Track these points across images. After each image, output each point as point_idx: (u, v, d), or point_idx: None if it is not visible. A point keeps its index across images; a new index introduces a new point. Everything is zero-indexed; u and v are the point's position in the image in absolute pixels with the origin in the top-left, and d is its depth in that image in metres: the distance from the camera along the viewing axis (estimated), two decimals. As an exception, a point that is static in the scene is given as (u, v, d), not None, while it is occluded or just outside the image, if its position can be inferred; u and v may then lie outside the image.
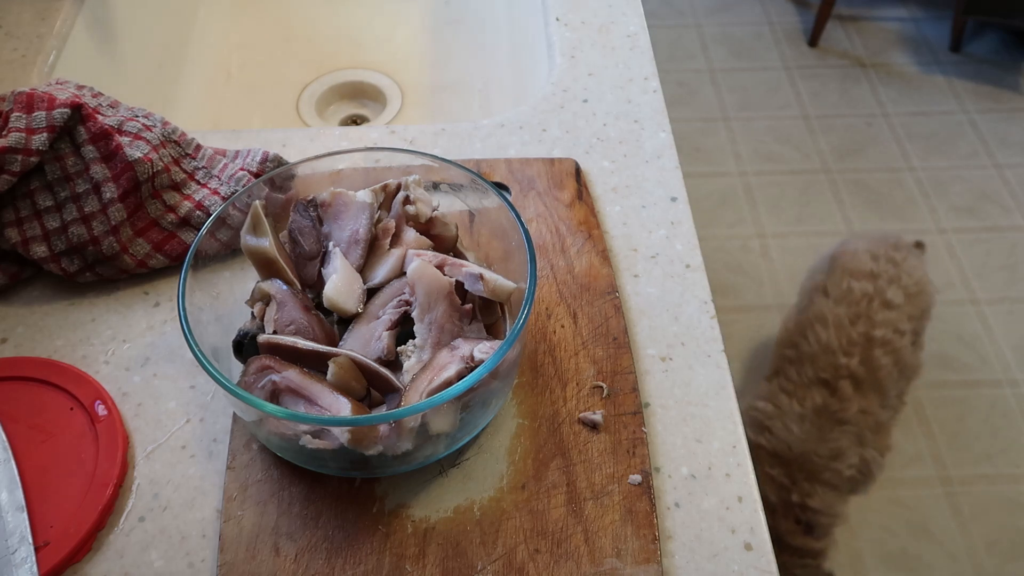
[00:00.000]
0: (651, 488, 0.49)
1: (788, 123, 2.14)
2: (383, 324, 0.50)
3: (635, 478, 0.49)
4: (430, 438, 0.46)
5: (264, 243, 0.51)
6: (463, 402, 0.45)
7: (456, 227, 0.55)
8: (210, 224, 0.51)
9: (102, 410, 0.52)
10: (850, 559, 1.44)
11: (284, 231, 0.54)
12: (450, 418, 0.46)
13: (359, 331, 0.50)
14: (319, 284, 0.52)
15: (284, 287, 0.51)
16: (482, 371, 0.43)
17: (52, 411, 0.52)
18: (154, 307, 0.58)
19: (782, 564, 1.23)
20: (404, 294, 0.50)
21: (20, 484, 0.48)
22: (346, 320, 0.51)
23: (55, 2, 0.79)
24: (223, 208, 0.52)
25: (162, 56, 0.91)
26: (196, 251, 0.49)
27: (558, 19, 0.80)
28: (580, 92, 0.73)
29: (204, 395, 0.54)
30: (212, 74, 0.97)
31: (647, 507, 0.48)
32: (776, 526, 1.24)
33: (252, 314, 0.51)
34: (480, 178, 0.53)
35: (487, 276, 0.49)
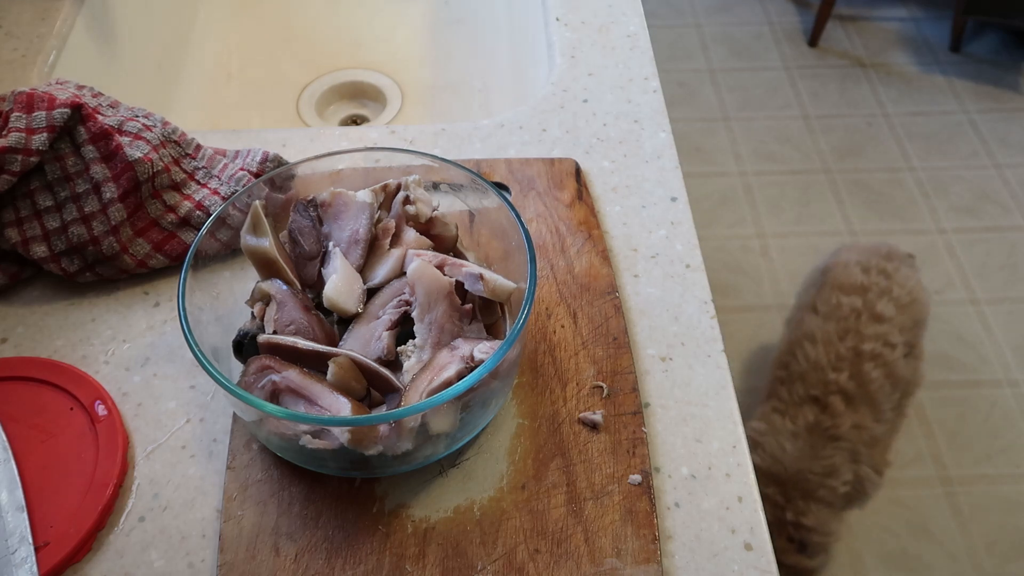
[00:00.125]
0: (651, 488, 0.49)
1: (788, 123, 2.14)
2: (383, 324, 0.50)
3: (635, 478, 0.49)
4: (430, 438, 0.46)
5: (264, 243, 0.51)
6: (463, 402, 0.45)
7: (456, 227, 0.55)
8: (210, 224, 0.51)
9: (102, 410, 0.52)
10: (850, 559, 1.44)
11: (284, 231, 0.54)
12: (450, 418, 0.46)
13: (359, 331, 0.50)
14: (319, 284, 0.52)
15: (284, 287, 0.51)
16: (482, 371, 0.43)
17: (52, 411, 0.52)
18: (154, 307, 0.59)
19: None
20: (404, 294, 0.50)
21: (20, 484, 0.48)
22: (346, 320, 0.51)
23: (55, 2, 0.79)
24: (223, 208, 0.52)
25: (162, 56, 0.91)
26: (196, 251, 0.49)
27: (558, 19, 0.80)
28: (580, 92, 0.73)
29: (204, 395, 0.54)
30: (212, 74, 0.97)
31: (647, 507, 0.48)
32: None
33: (252, 314, 0.51)
34: (480, 178, 0.53)
35: (487, 276, 0.49)
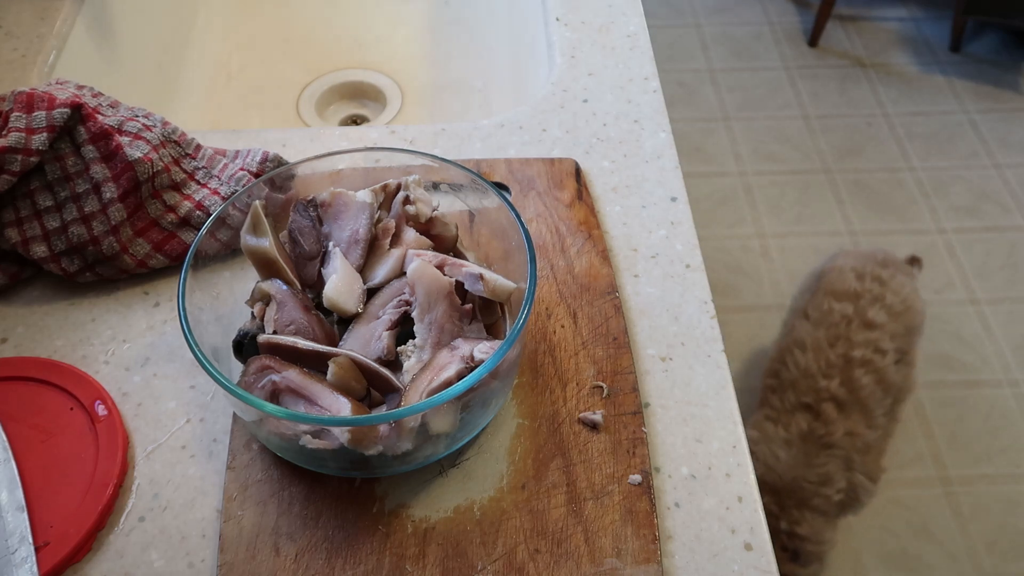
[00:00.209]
0: (651, 488, 0.49)
1: (788, 123, 2.14)
2: (383, 324, 0.50)
3: (635, 478, 0.49)
4: (430, 438, 0.46)
5: (264, 243, 0.51)
6: (463, 402, 0.45)
7: (456, 227, 0.55)
8: (210, 224, 0.51)
9: (102, 410, 0.52)
10: (850, 559, 1.44)
11: (284, 231, 0.54)
12: (450, 418, 0.46)
13: (359, 331, 0.50)
14: (319, 284, 0.52)
15: (284, 287, 0.51)
16: (482, 371, 0.43)
17: (52, 411, 0.52)
18: (154, 307, 0.59)
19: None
20: (404, 294, 0.50)
21: (20, 484, 0.48)
22: (346, 320, 0.51)
23: (55, 2, 0.79)
24: (223, 208, 0.52)
25: (162, 56, 0.91)
26: (196, 251, 0.49)
27: (558, 19, 0.80)
28: (580, 92, 0.73)
29: (204, 395, 0.54)
30: (212, 74, 0.97)
31: (647, 507, 0.48)
32: None
33: (252, 314, 0.51)
34: (480, 178, 0.53)
35: (487, 276, 0.49)
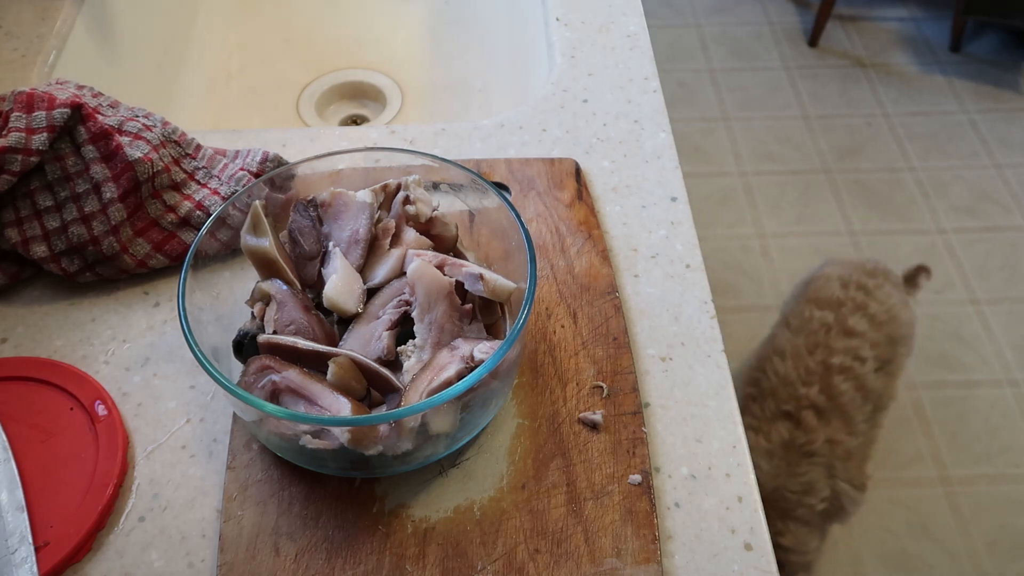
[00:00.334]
0: (651, 488, 0.49)
1: (788, 123, 2.14)
2: (383, 324, 0.50)
3: (635, 478, 0.49)
4: (430, 438, 0.46)
5: (264, 243, 0.51)
6: (463, 402, 0.45)
7: (456, 227, 0.55)
8: (210, 224, 0.51)
9: (102, 410, 0.52)
10: (850, 559, 1.44)
11: (284, 231, 0.54)
12: (450, 418, 0.46)
13: (359, 331, 0.50)
14: (319, 284, 0.52)
15: (284, 287, 0.51)
16: (482, 371, 0.43)
17: (52, 411, 0.52)
18: (154, 307, 0.58)
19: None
20: (404, 294, 0.50)
21: (20, 484, 0.48)
22: (346, 320, 0.51)
23: (55, 2, 0.79)
24: (223, 208, 0.52)
25: (162, 56, 0.91)
26: (196, 251, 0.49)
27: (558, 19, 0.80)
28: (580, 92, 0.73)
29: (204, 395, 0.54)
30: (212, 74, 0.97)
31: (647, 507, 0.48)
32: None
33: (252, 314, 0.51)
34: (480, 178, 0.53)
35: (487, 276, 0.49)
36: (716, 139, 2.11)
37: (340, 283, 0.50)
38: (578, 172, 0.66)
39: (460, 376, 0.45)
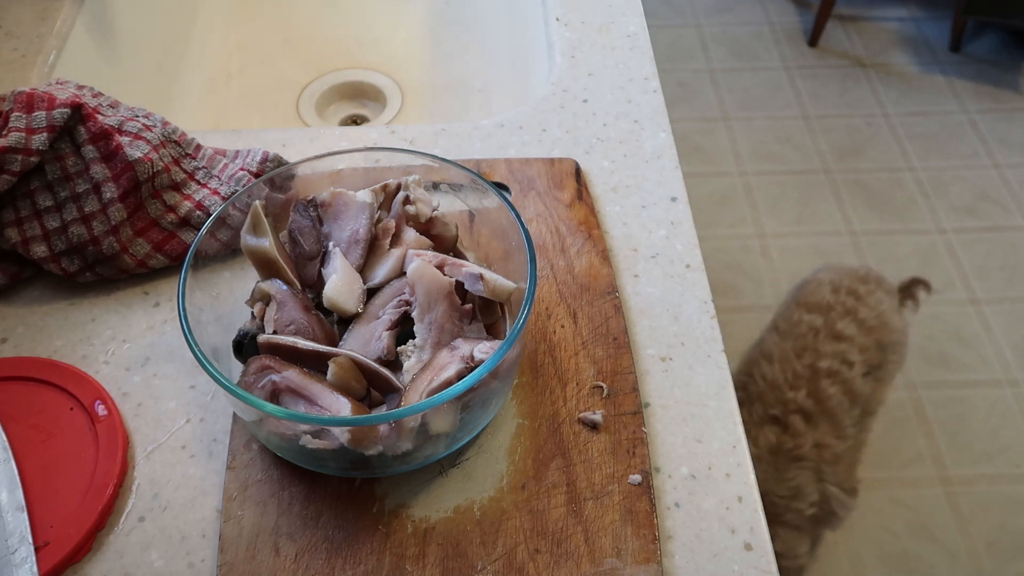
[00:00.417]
0: (651, 488, 0.49)
1: (788, 123, 2.14)
2: (383, 324, 0.50)
3: (635, 478, 0.49)
4: (430, 438, 0.46)
5: (264, 243, 0.51)
6: (463, 402, 0.45)
7: (456, 227, 0.55)
8: (210, 224, 0.51)
9: (102, 410, 0.52)
10: (850, 559, 1.44)
11: (284, 231, 0.54)
12: (450, 418, 0.46)
13: (359, 331, 0.50)
14: (319, 284, 0.52)
15: (284, 287, 0.51)
16: (482, 371, 0.43)
17: (52, 411, 0.52)
18: (154, 307, 0.58)
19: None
20: (404, 294, 0.50)
21: (20, 484, 0.48)
22: (346, 320, 0.51)
23: (55, 2, 0.79)
24: (223, 208, 0.52)
25: (162, 56, 0.91)
26: (196, 251, 0.49)
27: (558, 19, 0.80)
28: (580, 92, 0.73)
29: (204, 395, 0.54)
30: (212, 74, 0.97)
31: (647, 507, 0.48)
32: None
33: (252, 314, 0.51)
34: (480, 178, 0.53)
35: (487, 276, 0.49)
36: (716, 139, 2.11)
37: (340, 283, 0.50)
38: (578, 172, 0.66)
39: (460, 376, 0.45)
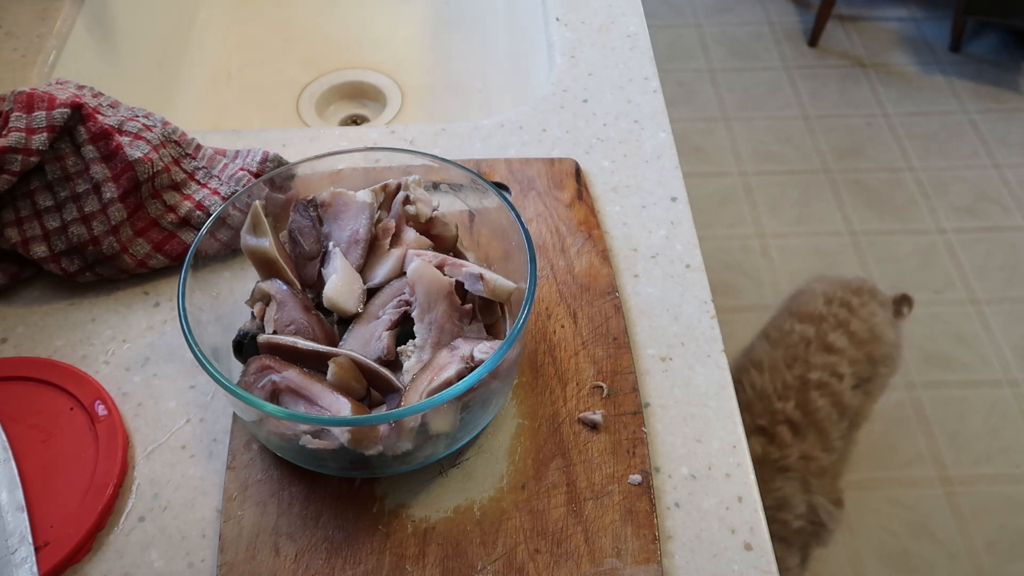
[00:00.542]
0: (651, 488, 0.49)
1: (788, 123, 2.14)
2: (383, 324, 0.50)
3: (635, 478, 0.49)
4: (430, 438, 0.46)
5: (264, 243, 0.51)
6: (463, 402, 0.45)
7: (456, 227, 0.55)
8: (210, 224, 0.51)
9: (102, 410, 0.52)
10: (850, 559, 1.44)
11: (284, 231, 0.54)
12: (450, 418, 0.46)
13: (359, 331, 0.50)
14: (319, 284, 0.52)
15: (284, 287, 0.51)
16: (482, 371, 0.43)
17: (52, 411, 0.52)
18: (154, 307, 0.58)
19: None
20: (404, 294, 0.50)
21: (20, 484, 0.48)
22: (346, 320, 0.51)
23: (55, 2, 0.79)
24: (223, 208, 0.52)
25: (162, 56, 0.91)
26: (196, 251, 0.49)
27: (558, 19, 0.80)
28: (580, 92, 0.73)
29: (204, 395, 0.54)
30: (212, 74, 0.97)
31: (647, 507, 0.48)
32: None
33: (252, 314, 0.51)
34: (480, 178, 0.53)
35: (487, 276, 0.49)
36: (716, 139, 2.10)
37: (340, 283, 0.50)
38: (578, 172, 0.66)
39: (460, 376, 0.45)
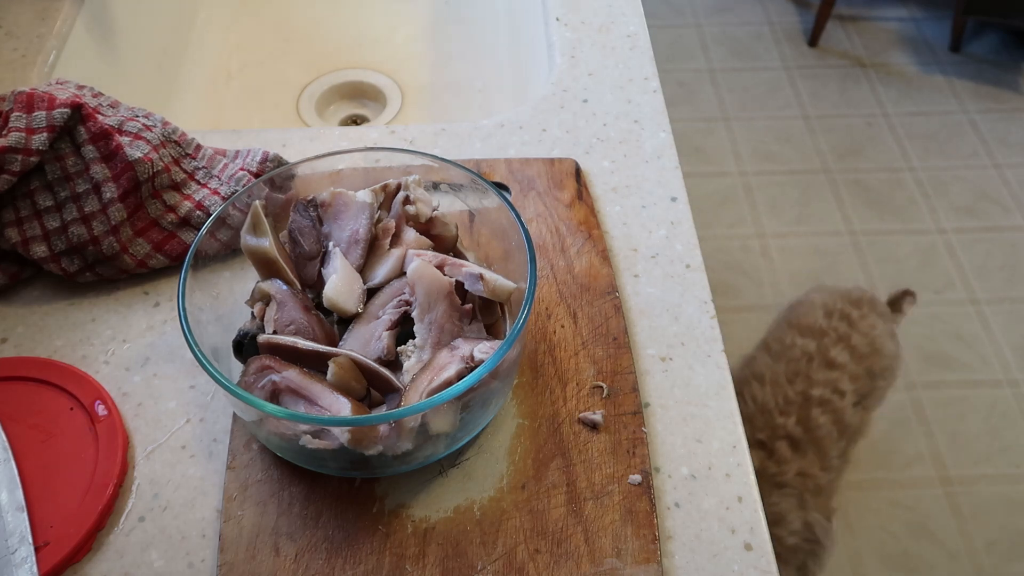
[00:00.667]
0: (651, 488, 0.49)
1: (788, 123, 2.14)
2: (383, 324, 0.50)
3: (635, 478, 0.49)
4: (430, 438, 0.46)
5: (264, 243, 0.51)
6: (463, 402, 0.45)
7: (456, 227, 0.55)
8: (210, 224, 0.51)
9: (102, 410, 0.52)
10: (850, 559, 1.44)
11: (284, 231, 0.54)
12: (450, 418, 0.46)
13: (359, 331, 0.50)
14: (319, 284, 0.52)
15: (284, 287, 0.51)
16: (482, 371, 0.43)
17: (52, 411, 0.52)
18: (154, 307, 0.58)
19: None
20: (404, 294, 0.50)
21: (20, 484, 0.48)
22: (346, 320, 0.51)
23: (55, 2, 0.79)
24: (223, 208, 0.52)
25: (162, 56, 0.91)
26: (196, 251, 0.49)
27: (558, 19, 0.80)
28: (580, 92, 0.73)
29: (204, 395, 0.54)
30: (212, 74, 0.97)
31: (647, 507, 0.48)
32: None
33: (252, 314, 0.51)
34: (480, 178, 0.53)
35: (487, 276, 0.49)
36: (716, 139, 2.11)
37: (340, 283, 0.50)
38: (578, 172, 0.66)
39: (460, 376, 0.45)
